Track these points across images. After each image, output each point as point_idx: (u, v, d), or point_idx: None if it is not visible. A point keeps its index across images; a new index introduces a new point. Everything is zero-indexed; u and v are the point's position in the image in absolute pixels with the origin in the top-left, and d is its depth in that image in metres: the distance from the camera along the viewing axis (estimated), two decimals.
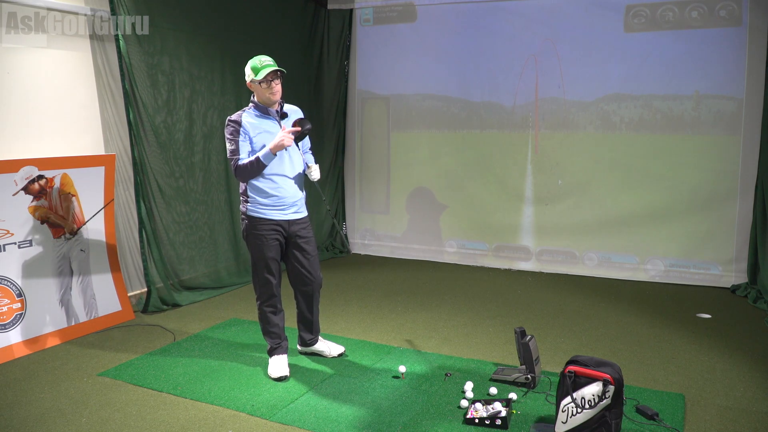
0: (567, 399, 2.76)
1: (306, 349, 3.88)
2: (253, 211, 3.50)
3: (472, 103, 6.29)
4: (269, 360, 3.66)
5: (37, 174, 4.01)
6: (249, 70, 3.43)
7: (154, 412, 3.14)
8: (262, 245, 3.52)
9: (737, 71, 5.24)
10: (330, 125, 6.89)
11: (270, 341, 3.67)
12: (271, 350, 3.67)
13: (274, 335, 3.66)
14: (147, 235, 4.73)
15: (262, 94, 3.44)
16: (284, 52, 6.21)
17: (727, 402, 3.19)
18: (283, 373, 3.53)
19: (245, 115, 3.45)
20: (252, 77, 3.40)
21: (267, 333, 3.67)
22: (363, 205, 7.00)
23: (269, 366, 3.62)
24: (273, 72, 3.37)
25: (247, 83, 3.46)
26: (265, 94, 3.43)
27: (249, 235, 3.55)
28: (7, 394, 3.34)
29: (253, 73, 3.39)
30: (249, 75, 3.42)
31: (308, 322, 3.79)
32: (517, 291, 5.40)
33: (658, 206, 5.63)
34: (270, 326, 3.65)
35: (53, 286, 4.18)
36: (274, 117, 3.50)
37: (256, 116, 3.47)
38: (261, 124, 3.45)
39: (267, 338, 3.68)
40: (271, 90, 3.42)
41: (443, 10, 6.30)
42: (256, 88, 3.43)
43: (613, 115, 5.72)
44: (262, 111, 3.48)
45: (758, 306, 4.79)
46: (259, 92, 3.45)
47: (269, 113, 3.49)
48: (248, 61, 3.46)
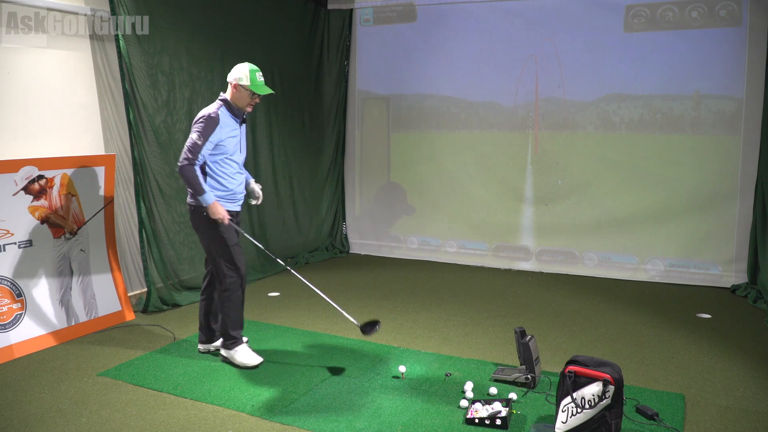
0: (567, 399, 2.76)
1: (207, 347, 3.95)
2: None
3: (472, 103, 6.29)
4: (238, 349, 3.71)
5: (37, 174, 4.01)
6: (245, 74, 3.49)
7: (154, 412, 3.14)
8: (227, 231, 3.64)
9: (737, 71, 5.24)
10: (330, 125, 6.89)
11: (238, 329, 3.73)
12: (238, 339, 3.73)
13: (242, 321, 3.77)
14: (147, 235, 4.73)
15: (242, 101, 3.55)
16: (284, 52, 6.21)
17: (727, 402, 3.19)
18: (259, 358, 3.69)
19: (221, 113, 3.50)
20: (246, 84, 3.48)
21: (239, 320, 3.74)
22: (363, 205, 7.00)
23: (243, 355, 3.69)
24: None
25: (233, 82, 3.51)
26: (245, 103, 3.56)
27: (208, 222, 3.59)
28: (7, 394, 3.34)
29: (251, 83, 3.48)
30: (243, 80, 3.49)
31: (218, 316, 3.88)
32: (517, 291, 5.40)
33: (658, 206, 5.63)
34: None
35: (53, 286, 4.18)
36: (239, 119, 3.62)
37: (228, 118, 3.54)
38: (230, 123, 3.55)
39: (237, 329, 3.71)
40: (253, 103, 3.59)
41: (443, 10, 6.30)
42: (242, 93, 3.52)
43: (613, 115, 5.72)
44: (233, 113, 3.57)
45: (758, 306, 4.79)
46: (240, 97, 3.54)
47: (237, 115, 3.59)
48: (244, 63, 3.54)
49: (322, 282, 5.64)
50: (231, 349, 3.72)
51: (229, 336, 3.71)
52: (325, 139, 6.88)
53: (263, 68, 5.82)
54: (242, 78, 3.49)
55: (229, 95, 3.55)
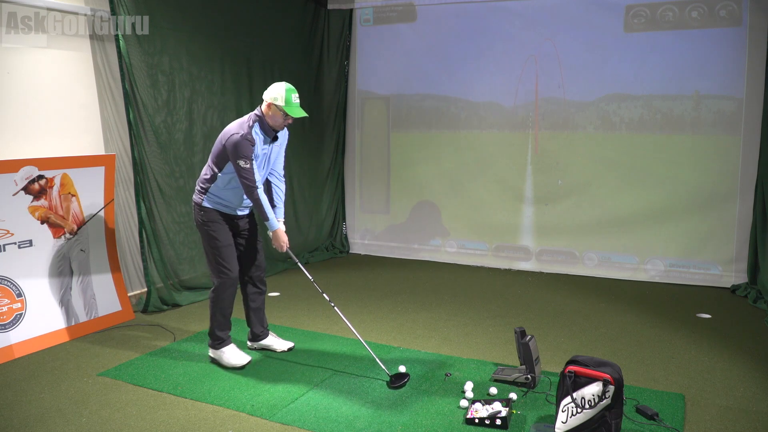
0: (567, 399, 2.76)
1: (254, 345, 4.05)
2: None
3: (472, 103, 6.29)
4: (225, 350, 3.72)
5: (37, 174, 4.01)
6: (281, 94, 3.45)
7: (154, 412, 3.14)
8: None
9: (737, 71, 5.24)
10: (330, 125, 6.89)
11: (226, 330, 3.74)
12: (226, 339, 3.74)
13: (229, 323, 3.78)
14: (147, 235, 4.73)
15: (275, 120, 3.52)
16: (284, 52, 6.21)
17: (727, 402, 3.19)
18: (247, 357, 3.70)
19: (254, 133, 3.49)
20: (281, 105, 3.45)
21: (227, 321, 3.74)
22: (363, 205, 7.00)
23: (231, 355, 3.70)
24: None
25: (268, 100, 3.48)
26: (278, 123, 3.53)
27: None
28: (7, 394, 3.34)
29: (285, 103, 3.45)
30: (278, 99, 3.45)
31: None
32: (517, 291, 5.40)
33: (658, 206, 5.63)
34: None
35: (53, 286, 4.18)
36: (270, 137, 3.59)
37: (260, 135, 3.52)
38: (261, 142, 3.54)
39: (224, 329, 3.73)
40: (285, 123, 3.56)
41: (443, 10, 6.30)
42: (275, 112, 3.49)
43: (613, 115, 5.72)
44: (265, 131, 3.54)
45: (758, 306, 4.79)
46: (273, 117, 3.51)
47: (268, 134, 3.57)
48: (282, 82, 3.52)
49: (322, 282, 5.62)
50: (218, 350, 3.73)
51: (215, 336, 3.72)
52: (325, 139, 6.88)
53: (263, 68, 5.87)
54: (278, 98, 3.45)
55: (264, 111, 3.52)
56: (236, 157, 3.42)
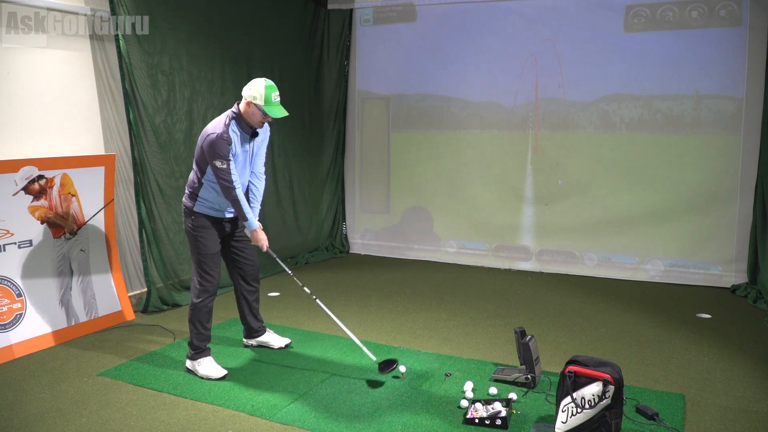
0: (567, 399, 2.76)
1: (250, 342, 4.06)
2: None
3: (472, 103, 6.29)
4: (201, 361, 3.58)
5: (37, 174, 4.01)
6: (260, 92, 3.36)
7: (154, 412, 3.14)
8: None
9: (737, 71, 5.24)
10: (330, 125, 6.89)
11: (205, 341, 3.62)
12: (204, 350, 3.62)
13: (209, 333, 3.67)
14: (147, 235, 4.73)
15: (253, 118, 3.43)
16: (284, 52, 6.21)
17: (727, 402, 3.19)
18: (223, 370, 3.58)
19: (230, 132, 3.40)
20: (260, 104, 3.37)
21: (207, 331, 3.64)
22: (363, 205, 7.00)
23: (207, 368, 3.56)
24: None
25: (246, 98, 3.40)
26: (256, 121, 3.44)
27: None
28: (7, 394, 3.34)
29: (264, 102, 3.36)
30: (257, 97, 3.36)
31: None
32: (517, 291, 5.40)
33: (658, 206, 5.63)
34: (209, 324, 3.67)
35: (53, 286, 4.18)
36: (248, 134, 3.51)
37: (237, 132, 3.44)
38: (239, 140, 3.46)
39: (203, 340, 3.61)
40: (264, 121, 3.48)
41: (443, 10, 6.30)
42: (253, 110, 3.40)
43: (613, 115, 5.72)
44: (243, 128, 3.46)
45: (758, 306, 4.79)
46: (252, 114, 3.42)
47: (246, 131, 3.49)
48: (262, 78, 3.43)
49: (322, 282, 5.65)
50: (194, 360, 3.59)
51: (194, 346, 3.59)
52: (325, 139, 6.88)
53: (263, 68, 5.86)
54: (257, 97, 3.36)
55: (242, 110, 3.43)
56: (213, 158, 3.34)
